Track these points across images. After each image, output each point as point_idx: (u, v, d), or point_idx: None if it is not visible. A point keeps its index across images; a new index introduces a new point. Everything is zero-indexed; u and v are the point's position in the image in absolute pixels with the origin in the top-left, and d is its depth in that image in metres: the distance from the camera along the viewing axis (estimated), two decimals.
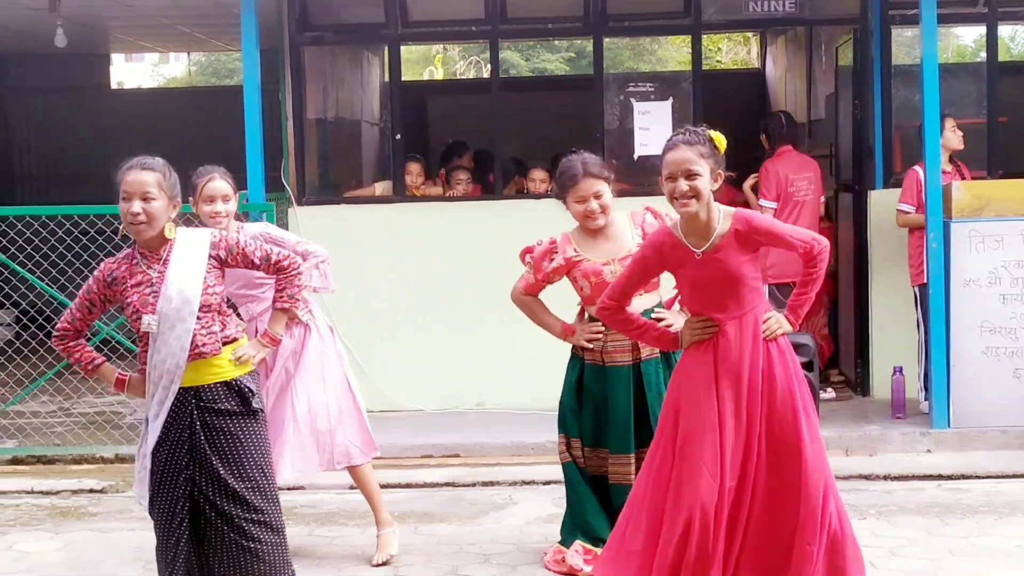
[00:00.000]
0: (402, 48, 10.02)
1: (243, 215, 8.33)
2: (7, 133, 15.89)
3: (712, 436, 4.60)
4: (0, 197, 14.95)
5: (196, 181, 6.09)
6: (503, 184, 9.69)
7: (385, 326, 9.18)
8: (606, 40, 9.82)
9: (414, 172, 9.71)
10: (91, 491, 7.71)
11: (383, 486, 7.50)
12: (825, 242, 4.81)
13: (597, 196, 5.82)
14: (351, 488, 7.50)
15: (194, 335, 4.64)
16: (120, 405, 9.94)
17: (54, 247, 9.00)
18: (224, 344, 4.74)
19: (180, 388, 4.66)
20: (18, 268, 8.74)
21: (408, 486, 7.62)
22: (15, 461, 8.43)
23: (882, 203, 9.11)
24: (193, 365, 4.67)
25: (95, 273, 4.81)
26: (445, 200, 9.64)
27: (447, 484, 7.68)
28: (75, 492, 7.73)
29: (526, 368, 9.10)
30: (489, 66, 10.13)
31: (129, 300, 4.71)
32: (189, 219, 7.25)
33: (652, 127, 9.23)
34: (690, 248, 4.69)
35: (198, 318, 4.66)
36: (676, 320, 5.46)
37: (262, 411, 4.85)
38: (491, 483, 7.66)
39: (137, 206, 4.63)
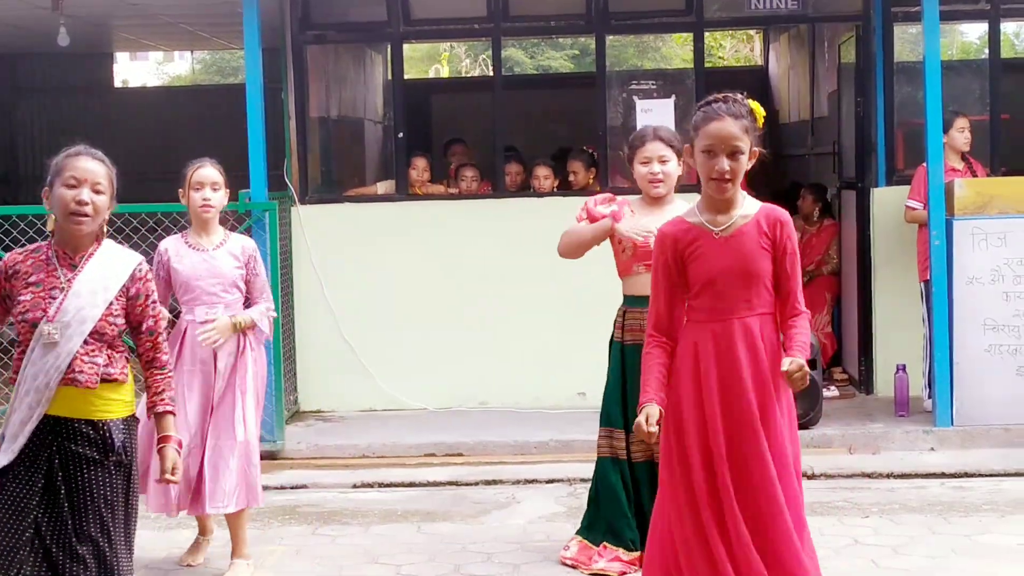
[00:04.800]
0: (407, 46, 10.01)
1: (247, 214, 8.37)
2: (12, 132, 15.92)
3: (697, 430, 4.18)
4: (4, 196, 14.98)
5: (185, 170, 5.95)
6: (504, 180, 9.68)
7: (387, 324, 9.18)
8: (610, 38, 9.81)
9: (420, 167, 9.70)
10: None
11: (387, 484, 7.56)
12: (808, 315, 4.27)
13: (662, 160, 5.84)
14: (354, 487, 7.56)
15: (74, 359, 4.15)
16: None
17: None
18: (102, 381, 4.19)
19: (45, 414, 4.14)
20: None
21: (411, 485, 7.62)
22: None
23: (885, 200, 9.09)
24: (64, 392, 4.15)
25: None
26: (448, 198, 9.64)
27: (450, 483, 7.67)
28: None
29: (529, 367, 9.11)
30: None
31: (22, 298, 4.20)
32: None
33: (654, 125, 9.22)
34: (708, 228, 4.17)
35: (85, 342, 4.17)
36: None
37: (126, 464, 4.25)
38: (494, 482, 7.65)
39: (87, 195, 4.16)
